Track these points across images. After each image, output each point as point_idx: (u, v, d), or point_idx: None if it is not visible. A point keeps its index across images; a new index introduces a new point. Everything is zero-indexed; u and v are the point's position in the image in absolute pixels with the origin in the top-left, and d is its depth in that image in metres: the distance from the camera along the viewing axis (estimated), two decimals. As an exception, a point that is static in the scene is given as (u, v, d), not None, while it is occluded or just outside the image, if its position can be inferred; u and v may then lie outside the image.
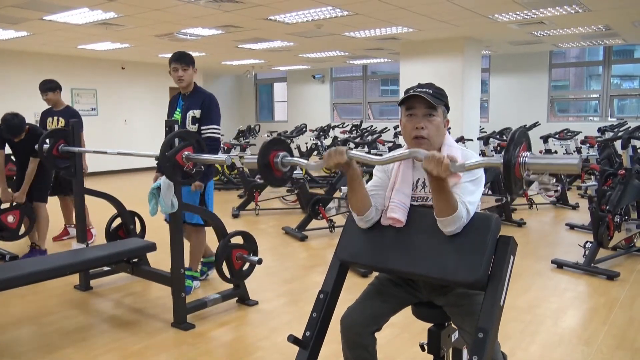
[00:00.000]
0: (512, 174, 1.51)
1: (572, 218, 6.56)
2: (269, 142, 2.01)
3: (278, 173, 2.02)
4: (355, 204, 1.93)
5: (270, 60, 12.48)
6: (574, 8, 6.81)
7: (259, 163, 1.98)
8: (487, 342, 1.66)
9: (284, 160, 2.00)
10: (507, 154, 1.50)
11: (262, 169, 1.99)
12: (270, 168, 2.00)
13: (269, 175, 2.02)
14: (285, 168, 2.01)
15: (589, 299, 3.84)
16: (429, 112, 1.90)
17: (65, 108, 5.26)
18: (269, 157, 1.99)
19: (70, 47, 9.99)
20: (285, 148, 2.04)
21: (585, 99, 12.71)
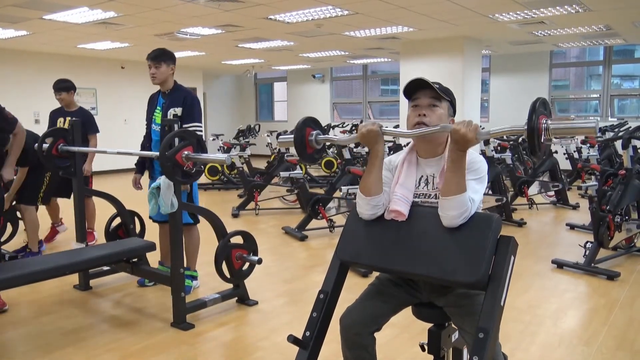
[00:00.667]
0: (536, 138, 1.65)
1: (573, 218, 6.55)
2: (304, 120, 2.11)
3: (310, 150, 2.12)
4: (369, 184, 1.92)
5: (270, 59, 12.47)
6: (575, 8, 6.80)
7: (295, 138, 2.06)
8: (488, 342, 1.65)
9: (317, 137, 2.09)
10: (530, 121, 1.63)
11: (297, 145, 2.08)
12: (305, 144, 2.10)
13: (302, 151, 2.11)
14: (318, 145, 2.11)
15: (589, 300, 3.84)
16: (433, 102, 1.92)
17: (78, 109, 5.18)
18: (305, 134, 2.08)
19: (70, 46, 9.99)
20: (319, 127, 2.14)
21: (585, 98, 12.70)
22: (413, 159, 2.00)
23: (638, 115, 11.64)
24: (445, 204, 1.77)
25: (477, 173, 1.88)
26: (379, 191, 1.92)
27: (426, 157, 1.99)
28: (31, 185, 4.60)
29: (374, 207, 1.93)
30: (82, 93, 11.75)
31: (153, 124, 3.83)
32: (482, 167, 1.91)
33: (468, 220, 1.81)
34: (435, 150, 1.96)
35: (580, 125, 1.64)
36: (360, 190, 1.96)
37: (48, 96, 10.88)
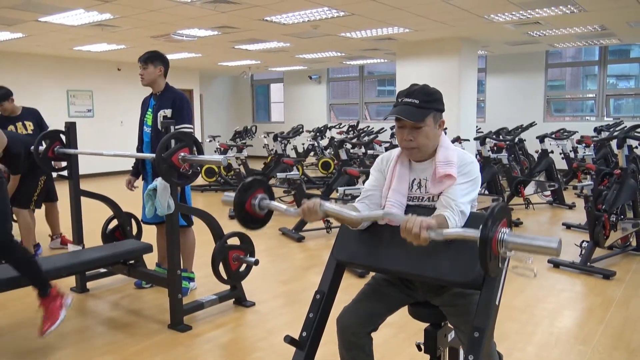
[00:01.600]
0: (489, 250, 1.44)
1: (569, 217, 6.58)
2: (247, 184, 1.92)
3: (256, 215, 1.94)
4: (348, 225, 1.96)
5: (266, 61, 12.48)
6: (570, 8, 6.82)
7: (235, 201, 1.89)
8: (483, 341, 1.66)
9: (261, 203, 1.92)
10: (484, 228, 1.43)
11: (237, 208, 1.90)
12: (246, 210, 1.91)
13: (245, 216, 1.92)
14: (262, 211, 1.94)
15: (585, 299, 3.85)
16: (416, 124, 1.88)
17: (24, 110, 5.01)
18: (247, 198, 1.91)
19: (65, 48, 9.97)
20: (265, 190, 1.96)
21: (581, 98, 12.75)
22: (405, 161, 2.00)
23: (634, 115, 11.69)
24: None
25: (468, 176, 1.89)
26: (358, 225, 1.94)
27: (418, 160, 1.99)
28: (25, 189, 4.59)
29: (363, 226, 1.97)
30: (78, 95, 11.75)
31: (144, 126, 3.84)
32: (472, 170, 1.91)
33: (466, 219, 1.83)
34: (426, 155, 1.96)
35: (542, 244, 1.43)
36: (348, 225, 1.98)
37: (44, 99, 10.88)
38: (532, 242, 1.44)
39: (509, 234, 1.47)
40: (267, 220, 2.00)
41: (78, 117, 11.48)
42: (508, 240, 1.46)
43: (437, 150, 1.93)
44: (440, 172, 1.88)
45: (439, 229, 1.58)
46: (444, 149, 1.93)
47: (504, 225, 1.49)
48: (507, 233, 1.47)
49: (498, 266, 1.52)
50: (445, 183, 1.87)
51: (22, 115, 4.97)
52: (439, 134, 1.95)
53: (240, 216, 1.92)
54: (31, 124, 4.91)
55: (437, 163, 1.89)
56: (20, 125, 4.89)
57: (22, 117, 4.95)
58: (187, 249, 3.90)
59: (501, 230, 1.47)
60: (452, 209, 1.80)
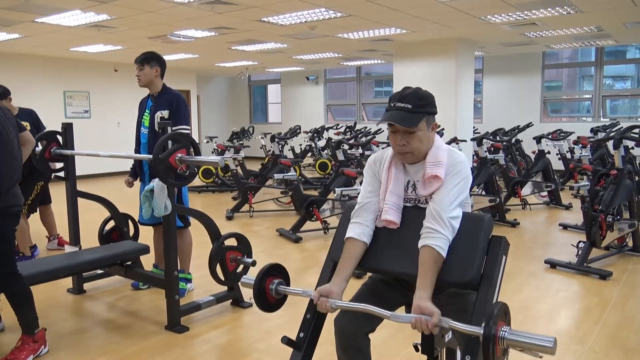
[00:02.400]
0: (492, 348, 1.53)
1: (566, 218, 6.59)
2: (267, 269, 1.97)
3: (272, 299, 1.99)
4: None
5: (264, 61, 12.48)
6: (566, 9, 6.85)
7: (255, 287, 1.93)
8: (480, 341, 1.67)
9: (278, 288, 1.97)
10: (486, 327, 1.52)
11: (256, 296, 1.95)
12: (265, 293, 1.97)
13: (263, 301, 1.97)
14: (278, 296, 1.99)
15: (582, 299, 3.86)
16: (409, 130, 1.87)
17: (21, 111, 4.95)
18: (265, 284, 1.96)
19: (62, 49, 9.96)
20: (283, 275, 2.01)
21: (578, 99, 12.78)
22: (400, 163, 1.99)
23: (630, 116, 11.73)
24: None
25: (458, 176, 1.88)
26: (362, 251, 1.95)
27: (412, 162, 1.98)
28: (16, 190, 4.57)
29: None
30: (74, 96, 11.73)
31: (142, 127, 3.84)
32: (462, 169, 1.90)
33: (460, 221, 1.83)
34: (420, 158, 1.95)
35: (539, 343, 1.52)
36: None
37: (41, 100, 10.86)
38: (530, 341, 1.54)
39: (509, 332, 1.54)
40: (282, 303, 2.03)
41: (75, 118, 11.46)
42: (508, 338, 1.54)
43: (429, 152, 1.92)
44: (428, 172, 1.88)
45: (445, 320, 1.61)
46: (435, 148, 1.92)
47: (503, 323, 1.58)
48: (507, 331, 1.55)
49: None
50: (433, 185, 1.86)
51: (18, 115, 4.88)
52: (432, 137, 1.95)
53: (259, 299, 1.95)
54: (28, 125, 4.86)
55: (427, 164, 1.89)
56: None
57: (19, 118, 4.89)
58: (184, 250, 3.90)
59: (501, 329, 1.55)
60: (441, 223, 1.79)
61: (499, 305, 1.59)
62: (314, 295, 1.85)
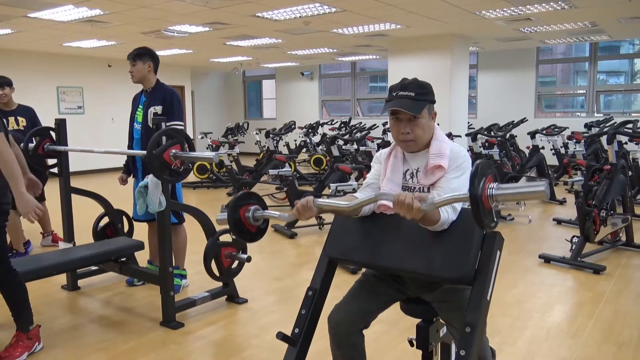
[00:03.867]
0: (481, 207, 1.49)
1: (559, 213, 6.62)
2: (238, 198, 1.94)
3: (252, 228, 1.97)
4: (350, 215, 1.96)
5: (258, 57, 12.44)
6: (560, 4, 6.85)
7: (229, 219, 1.91)
8: (475, 336, 1.67)
9: (255, 214, 1.94)
10: (472, 187, 1.48)
11: (233, 227, 1.92)
12: (243, 224, 1.94)
13: (242, 232, 1.95)
14: (257, 222, 1.96)
15: (576, 294, 3.88)
16: (413, 115, 1.89)
17: (20, 107, 4.90)
18: (239, 214, 1.93)
19: (55, 44, 9.88)
20: (257, 201, 1.98)
21: (572, 94, 12.82)
22: (399, 153, 2.02)
23: (623, 111, 11.78)
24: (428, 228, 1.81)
25: (459, 170, 1.89)
26: (358, 212, 1.95)
27: (411, 151, 2.00)
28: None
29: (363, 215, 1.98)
30: (68, 92, 11.67)
31: (135, 123, 3.82)
32: (465, 164, 1.91)
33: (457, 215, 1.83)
34: (421, 147, 1.97)
35: (530, 190, 1.48)
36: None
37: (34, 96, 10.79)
38: (521, 190, 1.48)
39: (496, 188, 1.50)
40: (265, 229, 2.02)
41: (68, 114, 11.40)
42: (497, 194, 1.49)
43: (431, 143, 1.94)
44: (431, 163, 1.90)
45: (430, 200, 1.59)
46: (438, 141, 1.94)
47: (490, 180, 1.52)
48: (494, 187, 1.50)
49: (493, 220, 1.57)
50: (436, 174, 1.89)
51: (16, 110, 4.87)
52: (433, 125, 1.98)
53: (238, 231, 1.94)
54: (24, 121, 4.83)
55: (430, 155, 1.91)
56: (12, 120, 4.80)
57: (16, 113, 4.85)
58: (179, 246, 3.89)
59: (489, 185, 1.50)
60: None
61: (482, 162, 1.53)
62: (294, 208, 1.84)
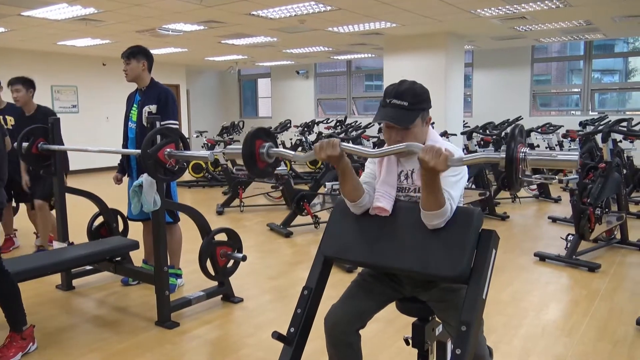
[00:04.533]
0: (514, 169, 1.54)
1: (555, 211, 6.64)
2: (255, 131, 1.97)
3: (262, 164, 1.99)
4: (348, 192, 1.93)
5: (253, 56, 12.42)
6: (555, 3, 6.87)
7: (244, 152, 1.94)
8: (470, 334, 1.67)
9: (269, 151, 1.96)
10: (509, 149, 1.53)
11: (246, 159, 1.95)
12: (255, 159, 1.96)
13: (252, 166, 1.98)
14: (270, 159, 1.98)
15: (571, 291, 3.89)
16: (405, 125, 1.87)
17: (8, 105, 4.79)
18: (255, 147, 1.96)
19: (49, 43, 9.83)
20: (271, 139, 2.01)
21: (566, 93, 12.86)
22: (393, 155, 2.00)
23: (618, 109, 11.82)
24: (427, 216, 1.78)
25: (455, 171, 1.87)
26: (361, 194, 1.93)
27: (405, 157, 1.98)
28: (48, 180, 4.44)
29: (362, 207, 1.96)
30: (62, 91, 11.61)
31: (129, 122, 3.80)
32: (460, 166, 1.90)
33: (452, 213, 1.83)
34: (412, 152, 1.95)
35: (562, 158, 1.53)
36: (344, 196, 1.97)
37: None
38: (554, 157, 1.55)
39: (529, 153, 1.55)
40: (273, 169, 2.03)
41: (62, 112, 11.33)
42: (530, 158, 1.54)
43: (425, 144, 1.92)
44: None
45: (458, 157, 1.63)
46: (431, 142, 1.92)
47: (522, 145, 1.57)
48: (527, 152, 1.55)
49: (522, 184, 1.64)
50: None
51: (4, 109, 4.78)
52: (427, 131, 1.96)
53: (250, 166, 1.96)
54: (12, 119, 4.74)
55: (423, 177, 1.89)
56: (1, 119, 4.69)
57: (4, 112, 4.76)
58: (174, 245, 3.88)
59: (521, 150, 1.55)
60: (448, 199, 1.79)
61: (518, 127, 1.58)
62: (318, 143, 1.82)
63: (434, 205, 1.74)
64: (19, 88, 4.49)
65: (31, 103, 4.59)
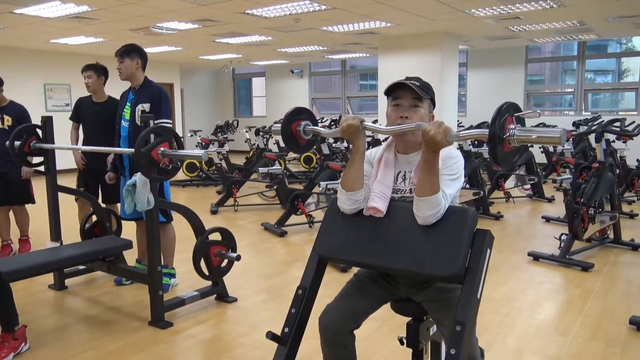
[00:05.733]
0: (499, 145, 1.59)
1: (548, 211, 6.66)
2: (294, 110, 2.12)
3: (302, 140, 2.14)
4: (350, 178, 1.93)
5: (248, 54, 12.39)
6: (549, 3, 6.89)
7: (283, 131, 2.08)
8: (465, 334, 1.67)
9: (306, 128, 2.10)
10: (493, 126, 1.57)
11: (285, 135, 2.09)
12: (293, 135, 2.11)
13: (290, 141, 2.13)
14: (307, 136, 2.12)
15: (565, 291, 3.91)
16: (415, 102, 1.92)
17: (11, 104, 4.73)
18: (292, 125, 2.10)
19: (42, 41, 9.77)
20: (308, 117, 2.14)
21: (560, 93, 12.91)
22: (391, 155, 2.00)
23: (611, 109, 11.88)
24: (419, 203, 1.78)
25: (452, 170, 1.88)
26: (360, 186, 1.93)
27: (405, 152, 1.99)
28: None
29: (355, 202, 1.94)
30: (55, 89, 11.54)
31: (122, 120, 3.78)
32: (457, 164, 1.91)
33: (444, 214, 1.82)
34: (414, 147, 1.97)
35: (546, 135, 1.60)
36: (342, 185, 1.96)
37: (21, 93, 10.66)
38: (539, 134, 1.61)
39: (517, 129, 1.60)
40: (313, 142, 2.21)
41: (55, 111, 11.26)
42: (517, 135, 1.59)
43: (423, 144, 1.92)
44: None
45: (456, 133, 1.72)
46: None
47: (511, 122, 1.63)
48: (515, 128, 1.60)
49: (512, 160, 1.70)
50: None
51: (5, 108, 4.67)
52: None
53: (289, 144, 2.13)
54: (10, 120, 4.63)
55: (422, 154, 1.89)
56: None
57: (4, 111, 4.66)
58: (167, 245, 3.86)
59: (509, 126, 1.60)
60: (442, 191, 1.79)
61: (506, 104, 1.64)
62: (345, 117, 1.98)
63: (428, 189, 1.75)
64: (90, 74, 4.41)
65: (101, 91, 4.47)
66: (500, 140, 1.60)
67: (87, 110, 4.43)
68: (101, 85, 4.43)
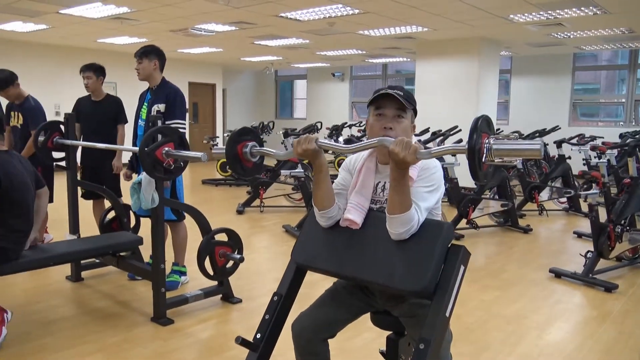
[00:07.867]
0: (477, 159, 1.53)
1: (582, 226, 6.36)
2: (239, 131, 2.02)
3: (248, 164, 2.03)
4: (319, 198, 1.90)
5: (288, 57, 12.48)
6: (592, 10, 6.60)
7: (227, 154, 1.98)
8: (429, 353, 1.61)
9: (252, 150, 2.00)
10: (470, 140, 1.52)
11: (230, 159, 1.99)
12: (239, 159, 2.01)
13: (237, 166, 2.02)
14: (254, 158, 2.02)
15: (581, 311, 3.72)
16: (399, 113, 1.87)
17: (26, 101, 4.69)
18: (238, 147, 1.99)
19: (89, 40, 10.15)
20: (254, 138, 2.04)
21: (609, 103, 12.34)
22: (372, 165, 1.95)
23: (664, 122, 11.26)
24: (391, 221, 1.73)
25: (429, 181, 1.82)
26: (331, 204, 1.90)
27: (385, 163, 1.93)
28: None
29: (329, 219, 1.92)
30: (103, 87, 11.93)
31: (139, 120, 3.87)
32: (435, 175, 1.84)
33: (420, 227, 1.76)
34: None
35: (523, 147, 1.53)
36: (313, 203, 1.93)
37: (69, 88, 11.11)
38: (516, 146, 1.56)
39: (494, 142, 1.55)
40: (260, 166, 2.09)
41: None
42: (494, 148, 1.55)
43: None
44: None
45: (427, 150, 1.64)
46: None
47: (486, 136, 1.57)
48: (491, 142, 1.55)
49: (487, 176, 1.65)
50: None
51: (20, 105, 4.68)
52: (411, 137, 1.90)
53: (234, 167, 2.01)
54: (22, 119, 4.67)
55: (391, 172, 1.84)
56: (14, 114, 4.73)
57: (19, 108, 4.68)
58: (179, 243, 3.93)
59: (485, 140, 1.55)
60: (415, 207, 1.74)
61: (482, 117, 1.58)
62: (297, 140, 1.83)
63: (399, 207, 1.70)
64: (89, 75, 4.61)
65: (100, 90, 4.70)
66: (477, 152, 1.54)
67: (86, 109, 4.61)
68: (100, 85, 4.66)
